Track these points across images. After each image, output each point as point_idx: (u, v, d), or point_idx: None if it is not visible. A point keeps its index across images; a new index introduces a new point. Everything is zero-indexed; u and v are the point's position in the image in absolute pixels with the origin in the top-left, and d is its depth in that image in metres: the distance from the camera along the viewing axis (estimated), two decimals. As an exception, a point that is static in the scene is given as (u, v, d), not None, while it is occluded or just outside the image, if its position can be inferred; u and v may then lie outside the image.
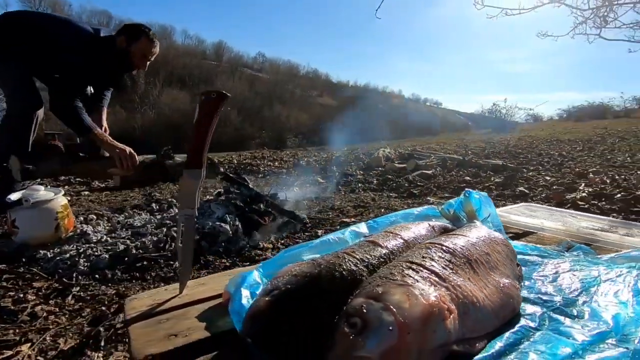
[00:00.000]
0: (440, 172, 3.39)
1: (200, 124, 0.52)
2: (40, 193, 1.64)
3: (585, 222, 0.84)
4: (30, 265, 1.50)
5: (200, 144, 0.53)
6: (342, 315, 0.34)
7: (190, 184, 0.54)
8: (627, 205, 2.00)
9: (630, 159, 4.43)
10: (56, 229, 1.66)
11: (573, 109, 18.94)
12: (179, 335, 0.44)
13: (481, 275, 0.43)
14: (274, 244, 1.75)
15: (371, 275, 0.43)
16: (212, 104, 0.52)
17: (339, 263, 0.43)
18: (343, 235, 0.64)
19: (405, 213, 0.75)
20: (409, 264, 0.40)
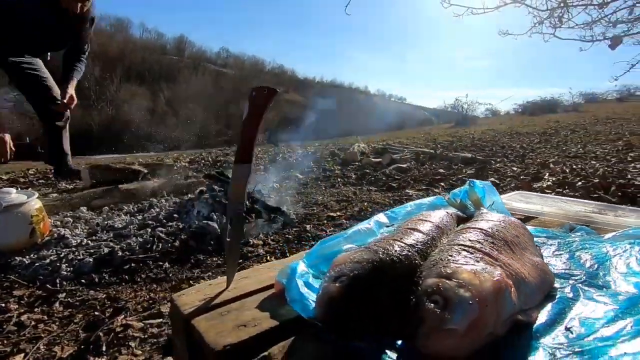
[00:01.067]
0: (415, 166, 3.50)
1: (250, 120, 0.52)
2: (12, 196, 1.54)
3: (577, 206, 0.92)
4: (6, 273, 1.40)
5: (250, 140, 0.53)
6: (421, 294, 0.37)
7: (240, 178, 0.54)
8: (587, 192, 2.18)
9: (582, 149, 4.79)
10: (31, 233, 1.56)
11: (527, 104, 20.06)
12: (248, 326, 0.44)
13: (518, 255, 0.47)
14: (265, 241, 1.75)
15: (423, 259, 0.46)
16: (263, 100, 0.52)
17: (395, 249, 0.46)
18: (370, 224, 0.67)
19: (418, 203, 0.79)
20: (461, 247, 0.44)
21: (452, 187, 2.72)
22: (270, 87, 0.53)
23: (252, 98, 0.52)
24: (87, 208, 2.00)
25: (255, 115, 0.52)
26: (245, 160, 0.54)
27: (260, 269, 0.61)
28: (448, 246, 0.45)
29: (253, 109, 0.52)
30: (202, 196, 2.15)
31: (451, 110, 17.66)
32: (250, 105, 0.52)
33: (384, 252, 0.44)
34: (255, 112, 0.52)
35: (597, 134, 6.88)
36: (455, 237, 0.49)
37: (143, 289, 1.35)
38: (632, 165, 3.18)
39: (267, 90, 0.52)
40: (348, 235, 0.61)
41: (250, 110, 0.52)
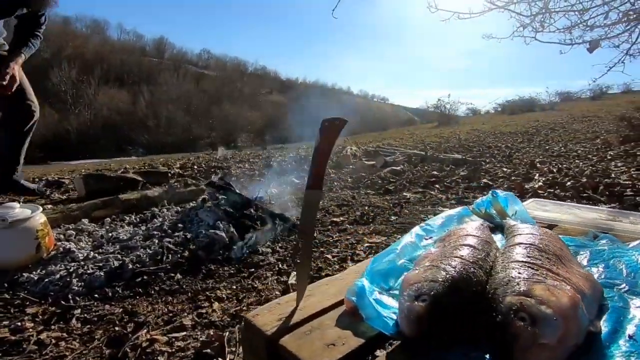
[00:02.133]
0: (408, 168, 3.57)
1: (322, 149, 0.55)
2: (17, 211, 1.51)
3: (592, 213, 0.98)
4: (15, 290, 1.38)
5: (322, 167, 0.56)
6: (505, 312, 0.41)
7: (312, 203, 0.57)
8: (577, 192, 2.28)
9: (564, 148, 4.99)
10: (37, 249, 1.53)
11: (507, 103, 20.66)
12: (336, 344, 0.47)
13: (568, 267, 0.51)
14: (273, 248, 1.76)
15: (485, 274, 0.49)
16: (334, 130, 0.55)
17: (463, 267, 0.49)
18: (412, 238, 0.71)
19: (448, 215, 0.83)
20: (522, 263, 0.48)
21: (447, 189, 2.80)
22: (340, 118, 0.55)
23: (324, 129, 0.55)
24: (89, 220, 1.97)
25: (327, 144, 0.55)
26: (317, 186, 0.56)
27: (320, 286, 0.63)
28: (509, 263, 0.49)
29: (325, 139, 0.55)
30: (205, 205, 2.14)
31: (434, 110, 17.98)
32: (323, 135, 0.54)
33: (453, 270, 0.48)
34: (327, 141, 0.55)
35: (575, 132, 7.16)
36: (510, 252, 0.53)
37: (159, 301, 1.34)
38: (613, 164, 3.34)
39: (338, 121, 0.55)
40: (399, 251, 0.65)
41: (323, 139, 0.54)
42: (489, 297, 0.45)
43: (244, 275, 1.51)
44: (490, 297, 0.45)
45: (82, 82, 28.15)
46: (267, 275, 1.50)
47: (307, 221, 0.59)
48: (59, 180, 3.47)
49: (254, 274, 1.50)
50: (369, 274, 0.58)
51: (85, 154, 21.44)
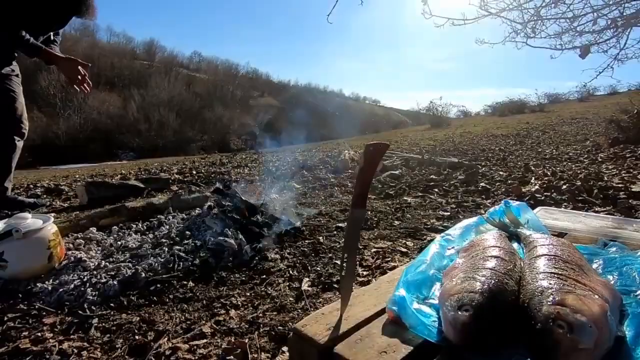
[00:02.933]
0: (406, 172, 3.64)
1: (365, 170, 0.59)
2: (29, 221, 1.52)
3: (597, 221, 1.04)
4: (29, 301, 1.39)
5: (365, 188, 0.60)
6: (544, 320, 0.45)
7: (357, 221, 0.61)
8: (573, 195, 2.36)
9: (556, 150, 5.11)
10: (49, 259, 1.54)
11: (497, 105, 20.98)
12: (388, 352, 0.50)
13: (590, 276, 0.56)
14: (282, 255, 1.80)
15: (516, 284, 0.54)
16: (378, 153, 0.59)
17: (497, 279, 0.53)
18: (437, 249, 0.75)
19: (466, 225, 0.87)
20: (551, 274, 0.52)
21: (446, 193, 2.86)
22: (383, 143, 0.59)
23: (368, 152, 0.58)
24: (96, 228, 1.98)
25: (371, 166, 0.59)
26: (361, 205, 0.60)
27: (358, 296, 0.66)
28: (538, 274, 0.54)
29: (368, 162, 0.58)
30: (211, 212, 2.17)
31: (426, 112, 18.14)
32: (366, 158, 0.58)
33: (489, 282, 0.52)
34: (370, 164, 0.59)
35: (565, 134, 7.32)
36: (537, 263, 0.57)
37: (175, 309, 1.37)
38: (604, 167, 3.44)
39: (381, 146, 0.59)
40: (429, 262, 0.69)
41: (366, 162, 0.58)
42: (525, 307, 0.49)
43: (256, 282, 1.54)
44: (526, 306, 0.49)
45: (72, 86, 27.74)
46: (278, 281, 1.53)
47: (352, 237, 0.63)
48: (57, 187, 3.45)
49: (266, 281, 1.53)
50: (405, 285, 0.62)
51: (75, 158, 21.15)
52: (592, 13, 3.90)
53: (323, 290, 1.42)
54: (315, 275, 1.55)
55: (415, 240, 1.89)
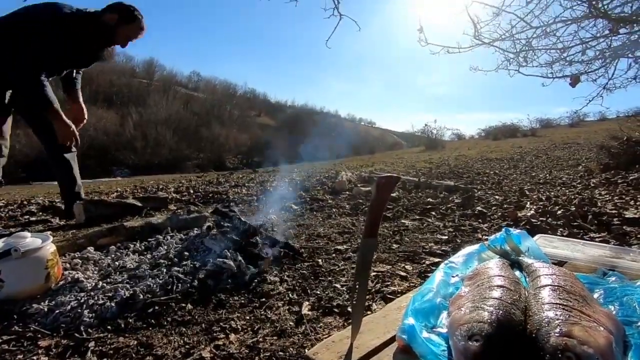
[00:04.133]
0: (403, 195, 3.67)
1: (377, 202, 0.61)
2: (28, 241, 1.51)
3: (595, 249, 1.06)
4: (25, 322, 1.36)
5: (377, 218, 0.62)
6: (552, 351, 0.46)
7: (368, 250, 0.62)
8: (568, 221, 2.39)
9: (549, 175, 5.20)
10: (46, 279, 1.53)
11: (490, 129, 21.39)
12: None
13: (593, 307, 0.58)
14: (281, 277, 1.79)
15: (522, 313, 0.55)
16: (389, 186, 0.61)
17: (505, 309, 0.55)
18: (442, 276, 0.76)
19: (469, 253, 0.89)
20: (556, 305, 0.54)
21: (444, 217, 2.88)
22: (394, 175, 0.62)
23: (380, 185, 0.61)
24: (94, 248, 1.96)
25: (383, 198, 0.61)
26: (373, 235, 0.62)
27: (366, 324, 0.67)
28: (543, 305, 0.55)
29: (380, 193, 0.61)
30: (210, 232, 2.16)
31: (421, 134, 18.43)
32: (378, 189, 0.61)
33: (497, 312, 0.54)
34: (382, 195, 0.61)
35: (557, 159, 7.45)
36: (542, 294, 0.59)
37: (173, 333, 1.35)
38: (597, 192, 3.51)
39: (392, 179, 0.62)
40: (435, 290, 0.70)
41: (378, 193, 0.61)
42: (532, 337, 0.51)
43: (256, 305, 1.53)
44: (534, 337, 0.50)
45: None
46: (278, 305, 1.52)
47: (364, 265, 0.64)
48: (52, 204, 3.43)
49: (266, 304, 1.52)
50: (413, 313, 0.63)
51: (69, 175, 20.91)
52: (580, 45, 4.06)
53: (323, 315, 1.41)
54: (315, 299, 1.54)
55: (414, 264, 1.90)
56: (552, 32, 3.99)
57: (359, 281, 0.64)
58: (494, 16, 4.14)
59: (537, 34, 4.02)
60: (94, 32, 2.44)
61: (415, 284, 1.62)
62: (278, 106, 49.65)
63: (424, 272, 1.77)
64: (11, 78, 2.33)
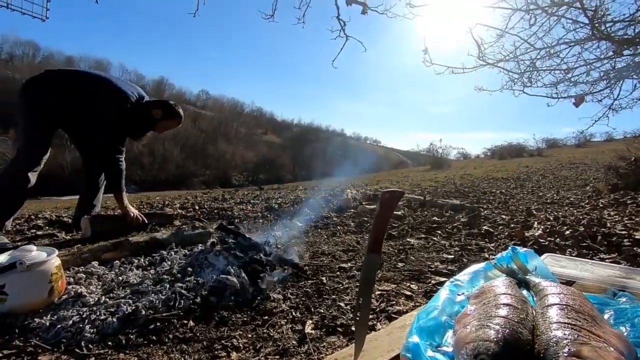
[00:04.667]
0: (408, 213, 3.64)
1: (381, 216, 0.61)
2: (34, 254, 1.52)
3: (605, 269, 1.04)
4: (26, 337, 1.35)
5: (381, 233, 0.62)
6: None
7: (372, 266, 0.62)
8: (577, 241, 2.35)
9: (557, 195, 5.14)
10: (49, 293, 1.52)
11: (496, 148, 21.38)
12: None
13: (603, 327, 0.56)
14: (284, 295, 1.77)
15: (529, 332, 0.54)
16: (392, 201, 0.61)
17: (512, 328, 0.54)
18: (447, 294, 0.75)
19: (475, 271, 0.88)
20: (565, 324, 0.53)
21: (450, 236, 2.85)
22: (398, 190, 0.62)
23: (384, 199, 0.61)
24: (98, 262, 1.96)
25: (387, 213, 0.61)
26: (376, 250, 0.62)
27: (370, 341, 0.66)
28: (551, 324, 0.54)
29: (384, 208, 0.61)
30: (214, 248, 2.16)
31: (426, 153, 18.46)
32: (382, 205, 0.61)
33: (503, 330, 0.53)
34: (386, 210, 0.61)
35: (565, 179, 7.39)
36: (549, 313, 0.58)
37: (174, 350, 1.33)
38: (606, 212, 3.45)
39: (396, 193, 0.62)
40: (440, 308, 0.69)
41: (382, 209, 0.61)
42: (540, 357, 0.49)
43: (258, 322, 1.50)
44: (542, 356, 0.49)
45: (80, 118, 28.54)
46: (281, 323, 1.50)
47: (367, 281, 0.64)
48: (59, 218, 3.45)
49: (268, 322, 1.50)
50: (418, 331, 0.62)
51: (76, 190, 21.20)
52: (585, 66, 4.10)
53: (327, 334, 1.39)
54: (318, 318, 1.52)
55: (419, 283, 1.87)
56: (555, 54, 4.04)
57: (363, 297, 0.63)
58: (498, 38, 4.20)
59: (541, 55, 4.06)
60: (139, 120, 2.81)
61: (420, 304, 1.59)
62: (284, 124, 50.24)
63: (430, 291, 1.73)
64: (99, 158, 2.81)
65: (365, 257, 0.62)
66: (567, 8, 3.52)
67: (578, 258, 1.13)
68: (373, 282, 0.64)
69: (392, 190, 0.62)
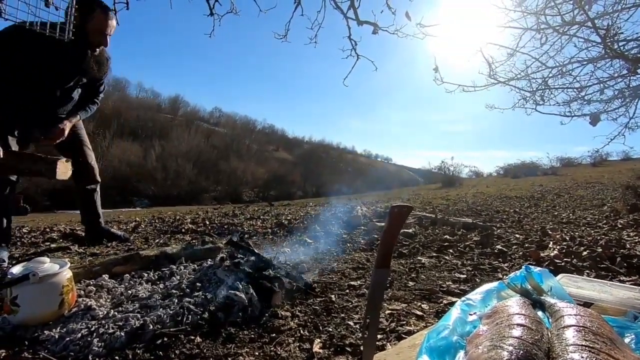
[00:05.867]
0: (420, 231, 3.59)
1: (390, 231, 0.61)
2: (46, 266, 1.54)
3: (623, 291, 1.00)
4: (35, 349, 1.36)
5: (389, 248, 0.61)
6: None
7: (381, 281, 0.61)
8: (595, 262, 2.28)
9: (573, 215, 5.01)
10: (60, 305, 1.53)
11: (509, 166, 21.12)
12: None
13: (623, 352, 0.54)
14: (293, 312, 1.74)
15: (544, 354, 0.52)
16: (401, 215, 0.61)
17: (525, 349, 0.52)
18: (459, 314, 0.73)
19: (487, 290, 0.85)
20: (582, 347, 0.50)
21: (462, 255, 2.79)
22: (407, 205, 0.62)
23: (393, 214, 0.61)
24: (109, 275, 1.98)
25: (395, 227, 0.61)
26: (385, 265, 0.61)
27: (380, 358, 0.64)
28: (568, 346, 0.52)
29: (393, 223, 0.61)
30: (223, 263, 2.15)
31: (437, 171, 18.32)
32: (391, 219, 0.61)
33: (517, 351, 0.51)
34: (395, 225, 0.61)
35: (581, 198, 7.22)
36: (566, 334, 0.55)
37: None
38: (625, 233, 3.35)
39: (405, 208, 0.62)
40: (451, 327, 0.67)
41: (391, 223, 0.61)
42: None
43: (266, 340, 1.48)
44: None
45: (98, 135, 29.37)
46: (289, 341, 1.47)
47: (376, 297, 0.63)
48: (73, 232, 3.51)
49: (276, 340, 1.47)
50: (428, 351, 0.60)
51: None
52: (598, 84, 4.06)
53: (335, 354, 1.35)
54: (327, 337, 1.49)
55: (430, 303, 1.82)
56: (568, 72, 4.02)
57: (371, 314, 0.62)
58: (509, 56, 4.21)
59: (552, 73, 4.05)
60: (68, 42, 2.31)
61: (431, 324, 1.54)
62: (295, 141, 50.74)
63: (441, 311, 1.69)
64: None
65: (374, 272, 0.62)
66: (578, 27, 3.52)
67: (596, 279, 1.09)
68: (382, 298, 0.63)
69: (401, 205, 0.61)
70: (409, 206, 0.61)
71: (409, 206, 0.61)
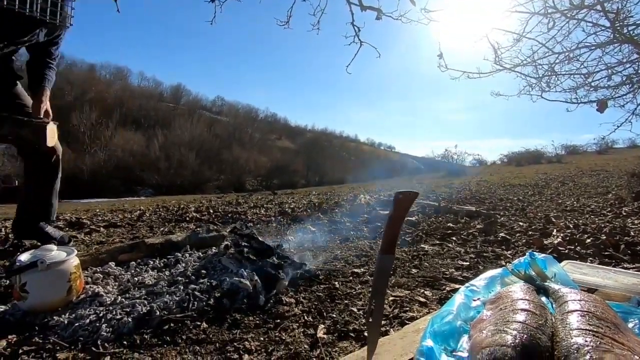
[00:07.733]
0: (423, 219, 3.60)
1: (395, 217, 0.61)
2: (54, 253, 1.56)
3: (628, 277, 1.00)
4: (45, 334, 1.38)
5: (394, 234, 0.61)
6: None
7: (385, 267, 0.62)
8: (599, 250, 2.28)
9: (577, 202, 5.00)
10: (68, 292, 1.56)
11: (512, 155, 20.97)
12: None
13: (627, 336, 0.54)
14: (296, 299, 1.76)
15: (548, 338, 0.52)
16: (407, 201, 0.61)
17: (529, 333, 0.52)
18: (463, 299, 0.74)
19: (491, 277, 0.86)
20: (586, 331, 0.51)
21: (465, 242, 2.80)
22: (412, 192, 0.62)
23: (398, 200, 0.61)
24: (115, 263, 2.00)
25: (401, 214, 0.61)
26: (390, 251, 0.61)
27: (383, 344, 0.65)
28: (572, 330, 0.52)
29: (398, 209, 0.61)
30: (227, 251, 2.17)
31: (441, 160, 18.25)
32: (396, 205, 0.61)
33: (521, 335, 0.51)
34: (400, 211, 0.61)
35: (585, 186, 7.18)
36: (570, 319, 0.56)
37: (187, 351, 1.34)
38: (629, 221, 3.33)
39: (410, 194, 0.62)
40: (455, 312, 0.68)
41: (396, 209, 0.61)
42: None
43: (270, 326, 1.50)
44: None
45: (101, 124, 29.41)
46: (293, 327, 1.49)
47: (381, 283, 0.63)
48: (79, 220, 3.54)
49: (281, 325, 1.49)
50: (432, 335, 0.61)
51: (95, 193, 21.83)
52: (606, 70, 3.99)
53: (339, 339, 1.37)
54: (330, 322, 1.50)
55: (434, 290, 1.84)
56: (575, 58, 3.95)
57: (375, 299, 0.62)
58: (515, 42, 4.13)
59: (559, 59, 3.98)
60: None
61: (435, 310, 1.56)
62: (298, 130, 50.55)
63: (445, 298, 1.70)
64: None
65: (378, 258, 0.62)
66: (587, 11, 3.45)
67: (600, 266, 1.09)
68: (386, 284, 0.63)
69: (407, 191, 0.61)
70: (414, 192, 0.61)
71: (414, 192, 0.61)
